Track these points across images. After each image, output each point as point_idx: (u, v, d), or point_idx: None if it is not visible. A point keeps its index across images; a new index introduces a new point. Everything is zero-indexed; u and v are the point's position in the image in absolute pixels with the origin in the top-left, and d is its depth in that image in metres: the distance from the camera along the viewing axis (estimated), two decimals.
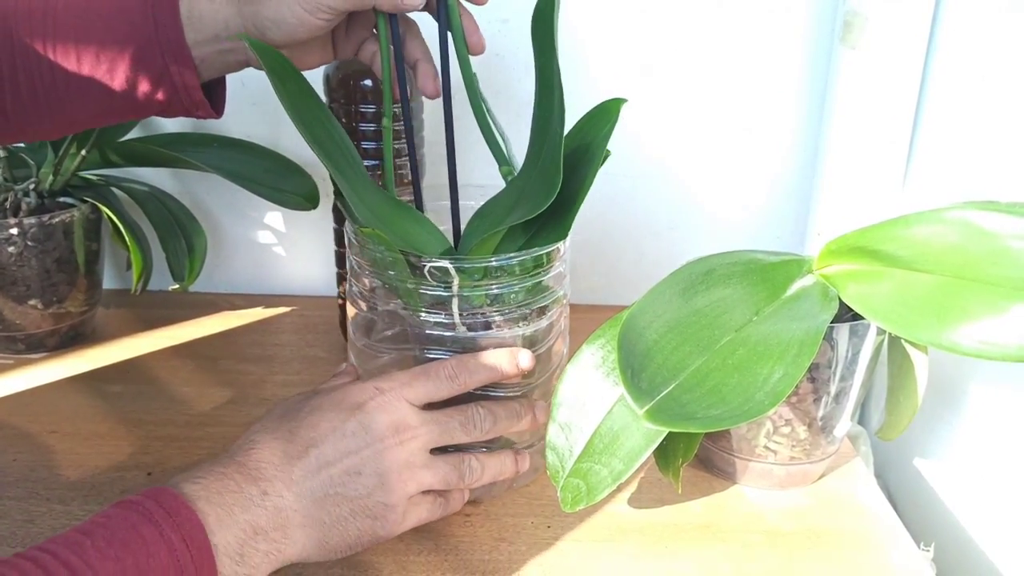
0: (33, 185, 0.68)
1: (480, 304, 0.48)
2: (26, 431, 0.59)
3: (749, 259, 0.49)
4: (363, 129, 0.64)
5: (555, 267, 0.50)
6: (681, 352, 0.41)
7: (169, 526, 0.36)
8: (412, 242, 0.50)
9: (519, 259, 0.47)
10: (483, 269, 0.47)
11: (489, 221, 0.51)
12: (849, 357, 0.49)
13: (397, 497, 0.43)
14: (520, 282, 0.48)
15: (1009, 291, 0.38)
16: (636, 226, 0.80)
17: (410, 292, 0.48)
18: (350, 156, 0.51)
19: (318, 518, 0.41)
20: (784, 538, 0.50)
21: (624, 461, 0.44)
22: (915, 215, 0.43)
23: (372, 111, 0.62)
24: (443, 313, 0.47)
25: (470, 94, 0.50)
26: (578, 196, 0.46)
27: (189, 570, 0.35)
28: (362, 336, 0.52)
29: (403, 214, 0.52)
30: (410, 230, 0.51)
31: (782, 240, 0.80)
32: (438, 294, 0.47)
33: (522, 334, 0.49)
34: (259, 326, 0.76)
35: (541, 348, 0.50)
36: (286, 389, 0.65)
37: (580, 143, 0.48)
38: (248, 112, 0.77)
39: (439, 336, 0.48)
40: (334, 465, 0.41)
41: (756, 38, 0.73)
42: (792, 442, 0.52)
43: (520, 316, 0.49)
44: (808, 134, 0.75)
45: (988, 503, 0.54)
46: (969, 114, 0.60)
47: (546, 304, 0.50)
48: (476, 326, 0.48)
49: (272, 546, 0.39)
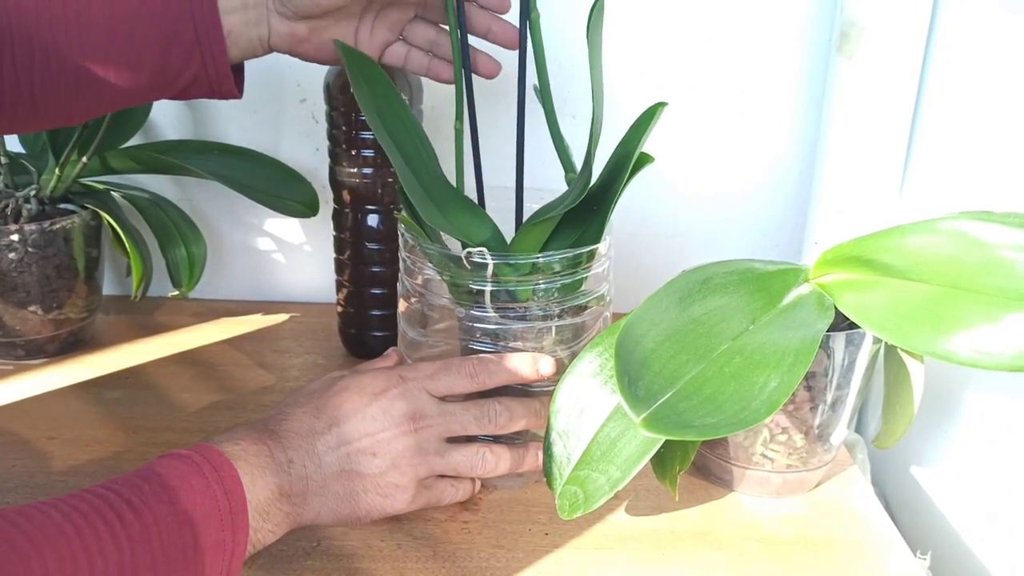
0: (34, 191, 0.68)
1: (526, 298, 0.51)
2: (25, 437, 0.59)
3: (746, 268, 0.49)
4: (363, 137, 0.64)
5: (592, 268, 0.52)
6: (678, 360, 0.41)
7: (214, 479, 0.39)
8: (472, 237, 0.53)
9: (559, 257, 0.51)
10: (529, 265, 0.50)
11: (534, 220, 0.54)
12: (845, 366, 0.50)
13: (408, 479, 0.46)
14: (560, 280, 0.51)
15: (1003, 301, 0.38)
16: (634, 235, 0.80)
17: (452, 283, 0.52)
18: (426, 154, 0.55)
19: (333, 490, 0.44)
20: (781, 546, 0.50)
21: (621, 469, 0.44)
22: (910, 225, 0.44)
23: None
24: (482, 304, 0.51)
25: (544, 103, 0.53)
26: (612, 200, 0.50)
27: (227, 520, 0.39)
28: (411, 329, 0.55)
29: (468, 211, 0.55)
30: (472, 226, 0.54)
31: (780, 249, 0.80)
32: (476, 285, 0.50)
33: (555, 327, 0.52)
34: (258, 333, 0.77)
35: (575, 345, 0.53)
36: (286, 395, 0.65)
37: (625, 149, 0.50)
38: (248, 120, 0.78)
39: (479, 328, 0.51)
40: (352, 444, 0.45)
41: (754, 48, 0.73)
42: (789, 450, 0.52)
43: (557, 312, 0.52)
44: (806, 144, 0.76)
45: (984, 511, 0.54)
46: (965, 124, 0.60)
47: (584, 303, 0.53)
48: (512, 318, 0.51)
49: (292, 508, 0.43)
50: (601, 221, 0.52)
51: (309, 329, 0.77)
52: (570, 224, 0.53)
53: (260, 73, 0.80)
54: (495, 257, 0.49)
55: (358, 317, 0.70)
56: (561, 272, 0.51)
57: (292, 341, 0.75)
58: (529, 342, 0.52)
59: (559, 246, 0.52)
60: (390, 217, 0.67)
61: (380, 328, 0.70)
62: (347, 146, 0.64)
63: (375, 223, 0.67)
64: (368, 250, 0.67)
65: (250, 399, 0.65)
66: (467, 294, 0.51)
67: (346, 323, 0.71)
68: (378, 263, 0.68)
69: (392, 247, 0.67)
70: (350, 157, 0.65)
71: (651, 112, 0.49)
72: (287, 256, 0.84)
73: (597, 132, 0.51)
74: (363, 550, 0.48)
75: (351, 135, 0.63)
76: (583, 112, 0.58)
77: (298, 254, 0.84)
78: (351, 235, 0.67)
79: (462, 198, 0.55)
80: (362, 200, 0.66)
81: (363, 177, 0.65)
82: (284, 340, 0.75)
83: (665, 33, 0.73)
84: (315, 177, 0.76)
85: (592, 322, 0.54)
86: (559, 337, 0.53)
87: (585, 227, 0.53)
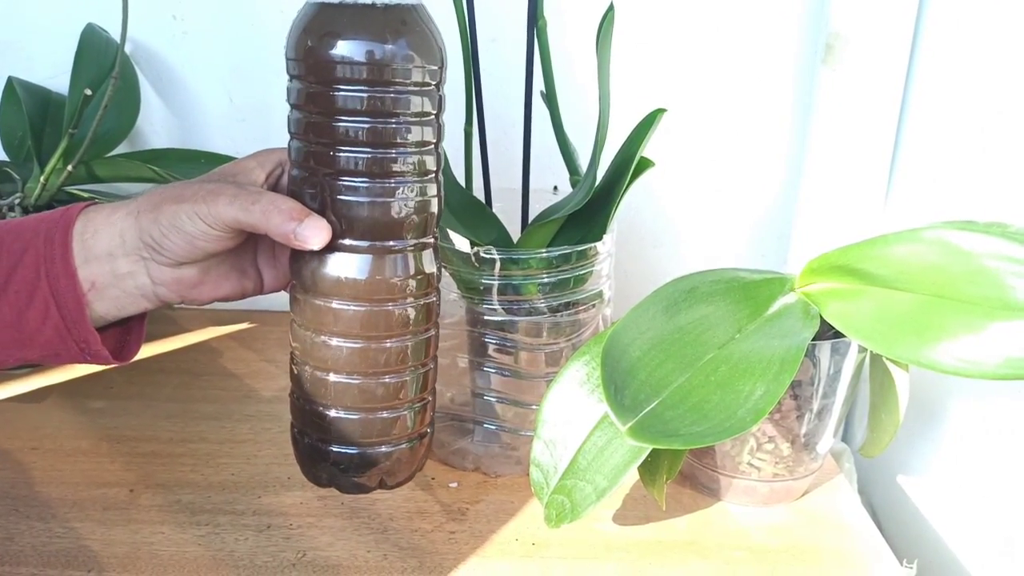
0: (19, 200, 0.68)
1: (532, 293, 0.53)
2: (6, 447, 0.58)
3: (732, 277, 0.49)
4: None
5: (588, 266, 0.54)
6: (664, 369, 0.41)
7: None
8: (480, 236, 0.54)
9: (557, 254, 0.52)
10: (533, 261, 0.52)
11: (540, 220, 0.56)
12: (831, 374, 0.50)
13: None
14: (562, 275, 0.53)
15: (986, 310, 0.39)
16: (620, 244, 0.80)
17: (460, 279, 0.54)
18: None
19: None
20: (768, 555, 0.50)
21: (608, 478, 0.44)
22: (894, 235, 0.44)
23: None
24: (489, 299, 0.53)
25: (551, 108, 0.55)
26: (615, 201, 0.52)
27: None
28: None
29: (475, 211, 0.56)
30: (479, 225, 0.56)
31: (767, 258, 0.80)
32: (483, 281, 0.53)
33: (556, 321, 0.54)
34: (244, 342, 0.76)
35: (576, 337, 0.55)
36: (271, 405, 0.65)
37: (626, 153, 0.52)
38: (236, 129, 0.78)
39: (487, 321, 0.54)
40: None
41: (741, 60, 0.74)
42: (776, 459, 0.52)
43: (560, 306, 0.54)
44: (792, 154, 0.76)
45: (970, 520, 0.54)
46: (949, 134, 0.61)
47: (585, 298, 0.55)
48: (516, 311, 0.53)
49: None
50: (603, 222, 0.54)
51: None
52: (574, 225, 0.55)
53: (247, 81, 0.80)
54: (501, 253, 0.51)
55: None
56: (564, 268, 0.53)
57: (279, 350, 0.75)
58: (533, 334, 0.54)
59: (564, 245, 0.54)
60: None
61: None
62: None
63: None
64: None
65: (235, 409, 0.64)
66: (475, 289, 0.53)
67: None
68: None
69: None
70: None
71: (651, 117, 0.51)
72: None
73: (603, 138, 0.52)
74: (349, 560, 0.47)
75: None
76: (583, 118, 0.59)
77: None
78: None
79: (471, 199, 0.57)
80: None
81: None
82: (271, 349, 0.75)
83: (650, 45, 0.74)
84: None
85: (593, 316, 0.56)
86: (561, 330, 0.55)
87: (588, 228, 0.54)
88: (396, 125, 0.38)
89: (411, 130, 0.38)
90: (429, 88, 0.38)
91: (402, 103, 0.38)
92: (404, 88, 0.37)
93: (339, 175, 0.38)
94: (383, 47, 0.37)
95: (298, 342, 0.43)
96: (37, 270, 0.42)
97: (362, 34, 0.36)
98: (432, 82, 0.39)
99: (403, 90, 0.37)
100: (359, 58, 0.36)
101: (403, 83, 0.37)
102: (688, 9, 0.73)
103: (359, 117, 0.37)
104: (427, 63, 0.38)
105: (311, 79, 0.38)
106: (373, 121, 0.37)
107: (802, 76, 0.73)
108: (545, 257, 0.52)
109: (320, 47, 0.37)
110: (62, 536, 0.49)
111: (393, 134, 0.38)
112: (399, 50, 0.37)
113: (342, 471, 0.42)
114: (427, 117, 0.39)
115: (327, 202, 0.39)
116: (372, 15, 0.37)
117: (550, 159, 0.59)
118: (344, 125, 0.38)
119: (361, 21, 0.37)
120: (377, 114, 0.37)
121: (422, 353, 0.42)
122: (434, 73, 0.38)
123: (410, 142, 0.38)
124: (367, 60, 0.36)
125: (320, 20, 0.37)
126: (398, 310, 0.40)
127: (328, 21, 0.37)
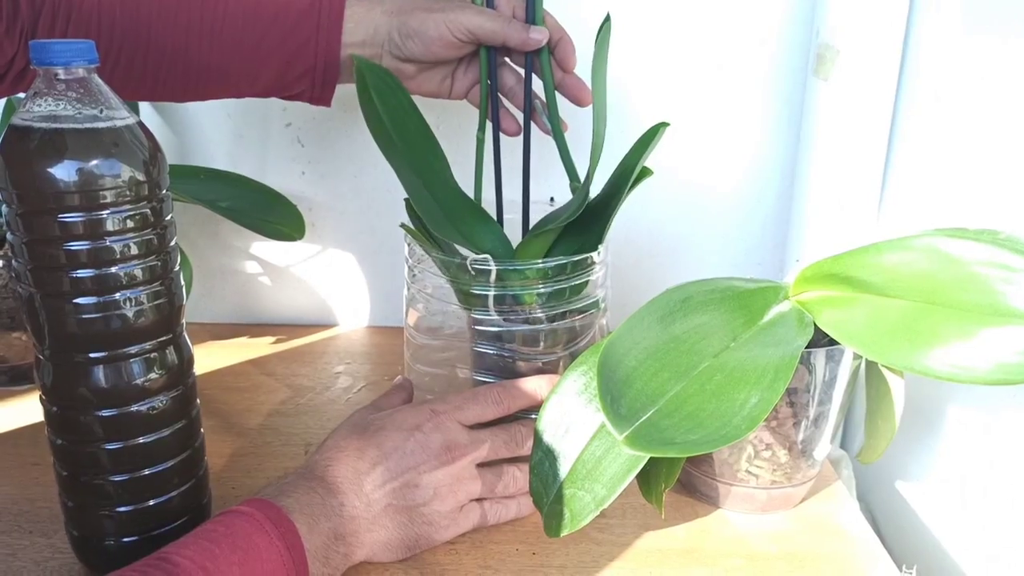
0: None
1: (530, 302, 0.55)
2: (8, 463, 0.58)
3: (727, 286, 0.50)
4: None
5: (584, 275, 0.55)
6: (660, 378, 0.42)
7: (276, 535, 0.41)
8: (479, 245, 0.56)
9: (553, 264, 0.53)
10: (526, 271, 0.54)
11: (538, 230, 0.57)
12: (826, 381, 0.50)
13: (449, 506, 0.48)
14: (558, 284, 0.54)
15: (977, 316, 0.39)
16: (615, 254, 0.81)
17: (458, 289, 0.55)
18: (439, 164, 0.58)
19: (383, 524, 0.47)
20: (767, 562, 0.50)
21: (607, 487, 0.44)
22: (886, 242, 0.44)
23: None
24: (487, 309, 0.55)
25: (552, 117, 0.58)
26: (611, 212, 0.53)
27: (292, 574, 0.41)
28: (419, 334, 0.59)
29: (478, 220, 0.57)
30: (480, 235, 0.57)
31: (763, 267, 0.81)
32: (479, 290, 0.54)
33: (555, 329, 0.56)
34: (244, 356, 0.76)
35: (573, 346, 0.56)
36: (272, 419, 0.65)
37: (627, 164, 0.53)
38: (234, 144, 0.78)
39: (486, 331, 0.55)
40: (396, 479, 0.47)
41: (733, 70, 0.75)
42: (773, 466, 0.52)
43: (557, 315, 0.55)
44: (786, 163, 0.77)
45: (969, 525, 0.55)
46: (940, 143, 0.61)
47: (582, 307, 0.56)
48: (514, 320, 0.55)
49: (347, 549, 0.45)
50: (600, 231, 0.54)
51: (295, 352, 0.77)
52: (572, 234, 0.56)
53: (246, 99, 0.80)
54: (497, 264, 0.52)
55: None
56: (560, 278, 0.54)
57: (278, 364, 0.75)
58: (531, 343, 0.55)
59: (561, 255, 0.55)
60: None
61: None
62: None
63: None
64: None
65: (236, 422, 0.64)
66: (474, 299, 0.54)
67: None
68: None
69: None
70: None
71: (652, 131, 0.52)
72: (273, 279, 0.84)
73: (598, 150, 0.54)
74: (350, 572, 0.48)
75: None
76: (579, 125, 0.61)
77: (284, 277, 0.84)
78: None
79: (472, 207, 0.57)
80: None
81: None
82: (270, 363, 0.75)
83: (643, 57, 0.75)
84: (301, 200, 0.77)
85: (590, 325, 0.57)
86: (559, 339, 0.56)
87: (585, 238, 0.55)
88: (111, 242, 0.40)
89: (130, 246, 0.40)
90: (140, 199, 0.40)
91: (111, 221, 0.39)
92: (111, 205, 0.39)
93: (64, 296, 0.40)
94: (84, 166, 0.38)
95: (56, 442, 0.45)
96: (308, 47, 0.55)
97: (63, 156, 0.38)
98: (142, 193, 0.40)
99: (110, 207, 0.39)
100: (64, 179, 0.38)
101: (107, 201, 0.39)
102: (682, 20, 0.73)
103: (73, 240, 0.39)
104: (132, 174, 0.40)
105: (20, 204, 0.39)
106: (90, 241, 0.39)
107: (795, 87, 0.74)
108: (541, 267, 0.53)
109: (23, 172, 0.38)
110: (64, 551, 0.49)
111: (109, 251, 0.40)
112: (97, 170, 0.39)
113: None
114: (144, 229, 0.41)
115: (55, 320, 0.41)
116: (68, 137, 0.38)
117: (547, 171, 0.60)
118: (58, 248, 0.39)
119: (54, 144, 0.38)
120: (90, 235, 0.39)
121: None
122: (141, 185, 0.40)
123: (131, 255, 0.40)
124: (70, 181, 0.38)
125: (12, 145, 0.39)
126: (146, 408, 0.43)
127: (22, 145, 0.38)
